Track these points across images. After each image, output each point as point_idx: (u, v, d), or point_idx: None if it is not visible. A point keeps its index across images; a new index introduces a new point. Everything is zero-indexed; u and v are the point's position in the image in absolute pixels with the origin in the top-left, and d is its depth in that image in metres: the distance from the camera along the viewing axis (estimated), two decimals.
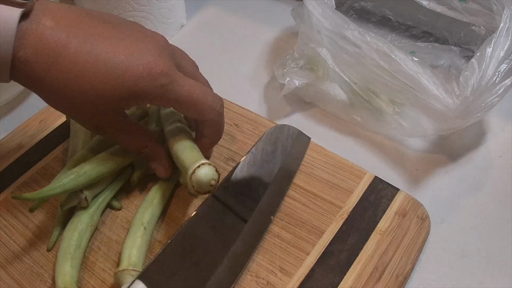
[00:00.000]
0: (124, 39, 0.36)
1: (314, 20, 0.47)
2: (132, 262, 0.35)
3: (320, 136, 0.49)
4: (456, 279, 0.38)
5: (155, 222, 0.40)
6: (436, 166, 0.46)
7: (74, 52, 0.34)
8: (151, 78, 0.35)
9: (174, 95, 0.37)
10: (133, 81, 0.35)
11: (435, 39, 0.57)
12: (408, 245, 0.38)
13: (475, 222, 0.42)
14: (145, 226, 0.38)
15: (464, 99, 0.41)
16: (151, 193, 0.41)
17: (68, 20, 0.34)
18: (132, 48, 0.35)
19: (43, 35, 0.33)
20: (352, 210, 0.40)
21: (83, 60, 0.34)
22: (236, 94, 0.52)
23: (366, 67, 0.44)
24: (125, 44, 0.35)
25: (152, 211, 0.40)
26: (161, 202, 0.41)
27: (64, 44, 0.33)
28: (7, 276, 0.38)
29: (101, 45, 0.34)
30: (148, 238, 0.38)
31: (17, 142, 0.48)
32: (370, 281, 0.36)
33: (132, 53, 0.35)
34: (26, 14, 0.33)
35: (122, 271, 0.35)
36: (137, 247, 0.37)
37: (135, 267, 0.35)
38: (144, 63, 0.35)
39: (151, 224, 0.39)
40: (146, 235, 0.38)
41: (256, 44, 0.61)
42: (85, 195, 0.39)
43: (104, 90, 0.35)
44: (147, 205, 0.40)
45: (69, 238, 0.38)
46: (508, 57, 0.41)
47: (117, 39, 0.35)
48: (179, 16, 0.63)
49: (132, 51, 0.35)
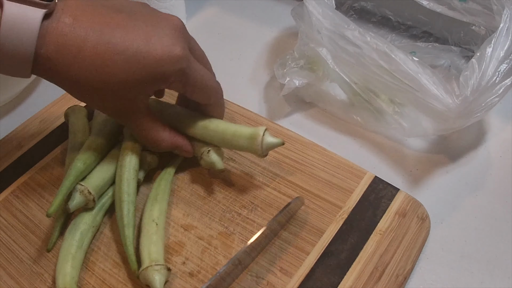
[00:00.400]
0: (140, 26, 0.36)
1: (314, 20, 0.47)
2: (153, 258, 0.36)
3: (320, 136, 0.49)
4: (456, 279, 0.38)
5: (165, 216, 0.40)
6: (436, 166, 0.46)
7: (93, 45, 0.34)
8: (171, 62, 0.36)
9: (192, 79, 0.38)
10: (154, 65, 0.36)
11: (435, 39, 0.57)
12: (408, 245, 0.38)
13: (475, 222, 0.42)
14: (156, 222, 0.38)
15: (464, 99, 0.41)
16: (153, 191, 0.41)
17: (86, 15, 0.35)
18: (149, 33, 0.36)
19: (63, 32, 0.34)
20: (352, 210, 0.40)
21: (102, 51, 0.35)
22: (236, 94, 0.52)
23: (366, 67, 0.44)
24: (142, 30, 0.36)
25: (159, 207, 0.40)
26: (164, 197, 0.41)
27: (83, 38, 0.34)
28: (7, 276, 0.38)
29: (118, 34, 0.35)
30: (162, 233, 0.38)
31: (17, 142, 0.48)
32: (370, 281, 0.36)
33: (150, 38, 0.36)
34: (49, 14, 0.34)
35: (146, 269, 0.35)
36: (154, 243, 0.37)
37: (158, 262, 0.35)
38: (163, 46, 0.36)
39: (161, 220, 0.39)
40: (159, 230, 0.38)
41: (256, 44, 0.61)
42: (93, 196, 0.39)
43: (127, 77, 0.36)
44: (152, 202, 0.40)
45: (70, 238, 0.38)
46: (508, 57, 0.41)
47: (133, 26, 0.36)
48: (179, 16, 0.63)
49: (149, 36, 0.36)
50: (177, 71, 0.37)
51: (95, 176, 0.41)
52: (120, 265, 0.38)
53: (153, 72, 0.36)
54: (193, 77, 0.38)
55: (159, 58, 0.36)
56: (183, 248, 0.39)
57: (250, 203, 0.41)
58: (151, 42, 0.36)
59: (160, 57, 0.36)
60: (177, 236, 0.40)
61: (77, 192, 0.39)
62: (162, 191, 0.41)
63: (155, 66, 0.36)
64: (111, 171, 0.42)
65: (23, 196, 0.43)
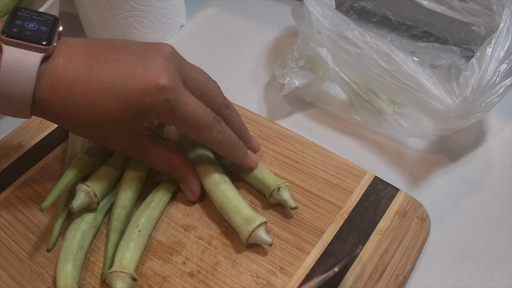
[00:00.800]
0: (129, 58, 0.35)
1: (314, 20, 0.47)
2: (123, 264, 0.35)
3: (320, 136, 0.49)
4: (456, 279, 0.38)
5: (152, 225, 0.40)
6: (436, 166, 0.46)
7: (83, 83, 0.34)
8: (157, 92, 0.34)
9: (180, 112, 0.36)
10: (140, 96, 0.34)
11: (435, 39, 0.57)
12: (408, 245, 0.38)
13: (475, 222, 0.42)
14: (139, 229, 0.38)
15: (464, 99, 0.41)
16: (150, 196, 0.41)
17: (78, 53, 0.35)
18: (135, 64, 0.35)
19: (56, 73, 0.34)
20: (352, 210, 0.40)
21: (91, 88, 0.34)
22: (236, 94, 0.52)
23: (366, 67, 0.44)
24: (130, 62, 0.35)
25: (149, 214, 0.39)
26: (158, 205, 0.41)
27: (74, 78, 0.34)
28: (7, 276, 0.38)
29: (106, 69, 0.34)
30: (142, 240, 0.38)
31: (17, 142, 0.48)
32: (370, 281, 0.36)
33: (137, 68, 0.35)
34: (47, 57, 0.34)
35: (111, 273, 0.35)
36: (130, 250, 0.37)
37: (125, 269, 0.35)
38: (148, 76, 0.34)
39: (146, 227, 0.39)
40: (140, 237, 0.38)
41: (256, 44, 0.61)
42: (98, 198, 0.39)
43: (118, 112, 0.35)
44: (144, 207, 0.40)
45: (71, 238, 0.38)
46: (508, 57, 0.41)
47: (122, 60, 0.35)
48: (179, 16, 0.63)
49: (135, 67, 0.35)
50: (163, 102, 0.34)
51: (101, 177, 0.41)
52: None
53: (139, 104, 0.34)
54: (182, 110, 0.35)
55: (145, 88, 0.34)
56: (183, 248, 0.39)
57: (250, 203, 0.41)
58: (137, 73, 0.34)
59: (146, 88, 0.34)
60: (177, 236, 0.40)
61: (82, 192, 0.39)
62: (158, 198, 0.41)
63: (141, 98, 0.34)
64: (117, 174, 0.42)
65: (23, 196, 0.43)
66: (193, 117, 0.36)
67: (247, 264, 0.38)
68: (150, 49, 0.36)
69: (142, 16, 0.59)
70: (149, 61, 0.35)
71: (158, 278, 0.37)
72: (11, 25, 0.34)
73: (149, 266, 0.38)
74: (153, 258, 0.38)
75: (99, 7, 0.57)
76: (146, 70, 0.34)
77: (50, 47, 0.33)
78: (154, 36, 0.61)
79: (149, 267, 0.38)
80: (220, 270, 0.37)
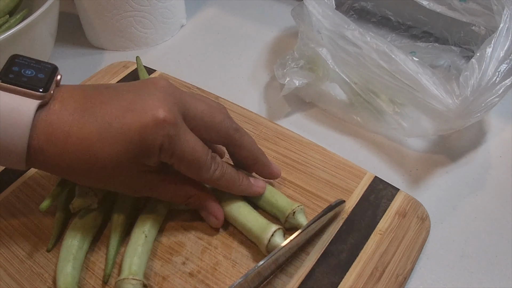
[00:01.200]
0: (124, 96, 0.34)
1: (314, 20, 0.47)
2: (133, 271, 0.35)
3: (320, 136, 0.49)
4: (456, 279, 0.38)
5: (157, 230, 0.39)
6: (436, 166, 0.46)
7: (79, 128, 0.33)
8: (157, 127, 0.33)
9: (179, 149, 0.34)
10: (141, 132, 0.33)
11: (435, 39, 0.57)
12: (408, 245, 0.38)
13: (475, 222, 0.42)
14: (146, 234, 0.38)
15: (464, 99, 0.41)
16: (153, 200, 0.40)
17: (73, 98, 0.34)
18: (132, 100, 0.34)
19: (51, 120, 0.33)
20: (352, 210, 0.40)
21: (88, 132, 0.33)
22: (236, 94, 0.52)
23: (366, 67, 0.44)
24: (126, 98, 0.34)
25: (154, 219, 0.39)
26: (163, 209, 0.40)
27: (69, 123, 0.33)
28: (7, 276, 0.38)
29: (103, 110, 0.33)
30: (149, 246, 0.38)
31: None
32: (370, 281, 0.36)
33: (134, 103, 0.33)
34: (43, 104, 0.33)
35: (123, 280, 0.35)
36: (138, 256, 0.36)
37: (136, 276, 0.35)
38: (146, 111, 0.33)
39: (152, 232, 0.38)
40: (147, 243, 0.38)
41: (256, 44, 0.61)
42: (98, 198, 0.39)
43: (119, 152, 0.33)
44: (148, 212, 0.39)
45: (71, 238, 0.38)
46: (508, 57, 0.41)
47: (118, 98, 0.34)
48: (179, 16, 0.63)
49: (133, 102, 0.33)
50: (164, 137, 0.33)
51: None
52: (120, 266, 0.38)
53: (140, 141, 0.33)
54: (182, 146, 0.34)
55: (143, 124, 0.32)
56: (183, 248, 0.39)
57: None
58: (135, 108, 0.33)
59: (145, 123, 0.32)
60: (177, 236, 0.40)
61: (82, 192, 0.39)
62: (162, 206, 0.40)
63: (140, 133, 0.33)
64: None
65: (23, 196, 0.43)
66: (192, 156, 0.35)
67: (247, 264, 0.38)
68: (145, 84, 0.35)
69: (142, 16, 0.59)
70: (146, 95, 0.34)
71: (158, 278, 0.37)
72: (8, 71, 0.33)
73: (149, 266, 0.38)
74: (153, 258, 0.38)
75: (99, 7, 0.57)
76: (143, 105, 0.33)
77: (46, 94, 0.32)
78: (154, 36, 0.61)
79: (149, 267, 0.38)
80: (220, 270, 0.37)
